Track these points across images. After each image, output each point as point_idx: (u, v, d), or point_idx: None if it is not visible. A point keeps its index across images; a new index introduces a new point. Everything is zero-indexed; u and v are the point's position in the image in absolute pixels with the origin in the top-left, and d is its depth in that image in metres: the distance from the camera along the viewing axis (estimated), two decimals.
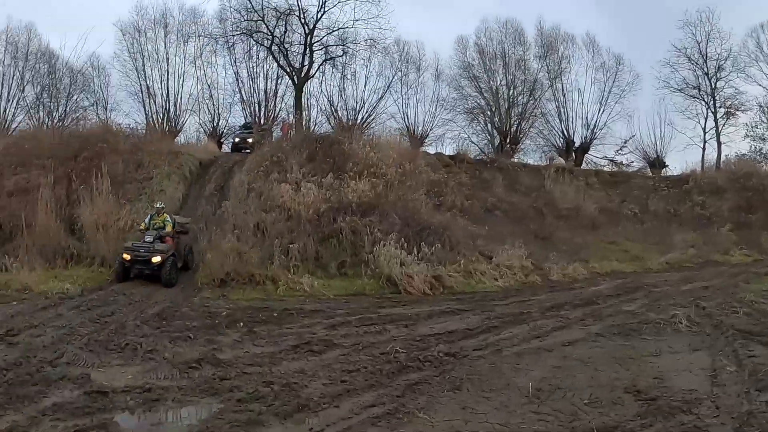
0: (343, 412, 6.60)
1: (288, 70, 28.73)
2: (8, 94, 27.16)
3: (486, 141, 31.23)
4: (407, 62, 31.03)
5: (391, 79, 30.59)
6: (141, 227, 15.49)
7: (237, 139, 27.11)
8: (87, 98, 28.57)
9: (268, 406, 6.74)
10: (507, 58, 31.10)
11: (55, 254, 15.65)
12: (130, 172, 19.52)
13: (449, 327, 10.51)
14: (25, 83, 27.45)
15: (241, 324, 10.93)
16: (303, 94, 28.84)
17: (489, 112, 31.06)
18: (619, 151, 31.98)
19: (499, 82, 31.04)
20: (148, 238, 14.83)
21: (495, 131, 30.87)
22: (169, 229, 15.29)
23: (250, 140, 25.32)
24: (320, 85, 29.93)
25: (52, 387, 7.27)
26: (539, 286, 15.80)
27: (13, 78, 27.21)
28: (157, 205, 15.91)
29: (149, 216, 15.70)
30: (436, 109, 31.00)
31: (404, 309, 12.34)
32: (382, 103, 30.39)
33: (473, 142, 31.08)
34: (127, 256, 14.56)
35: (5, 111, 26.95)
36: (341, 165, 18.40)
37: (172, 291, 14.13)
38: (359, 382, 7.57)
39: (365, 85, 30.19)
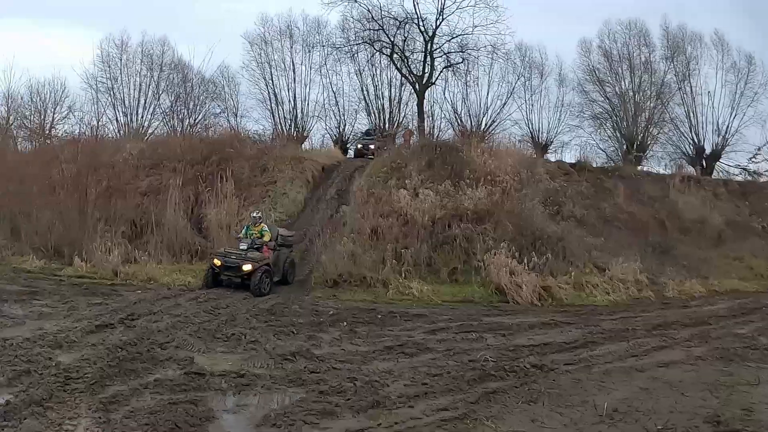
0: (416, 413, 6.69)
1: (409, 77, 29.04)
2: (145, 101, 29.28)
3: (614, 148, 29.68)
4: (530, 67, 30.11)
5: (513, 84, 29.82)
6: (239, 235, 15.22)
7: (359, 146, 27.23)
8: (218, 106, 30.26)
9: (346, 400, 7.00)
10: (632, 61, 29.36)
11: (181, 250, 16.87)
12: (255, 176, 20.61)
13: (547, 339, 10.18)
14: (160, 92, 29.49)
15: (345, 323, 11.29)
16: (426, 100, 28.99)
17: (616, 118, 29.49)
18: (753, 159, 28.82)
19: (625, 86, 29.39)
20: (243, 246, 14.57)
21: (622, 138, 29.27)
22: (267, 238, 14.87)
23: (371, 147, 25.42)
24: (443, 92, 29.83)
25: (158, 366, 8.03)
26: (652, 302, 14.78)
27: (149, 87, 29.36)
28: (254, 215, 15.49)
29: (246, 226, 15.41)
30: (560, 115, 29.96)
31: (508, 318, 12.12)
32: (506, 109, 29.73)
33: (602, 150, 29.69)
34: (217, 262, 14.36)
35: (142, 117, 29.24)
36: (459, 172, 18.27)
37: (285, 289, 14.75)
38: (439, 386, 7.59)
39: (488, 91, 29.65)
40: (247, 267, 14.05)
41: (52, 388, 6.82)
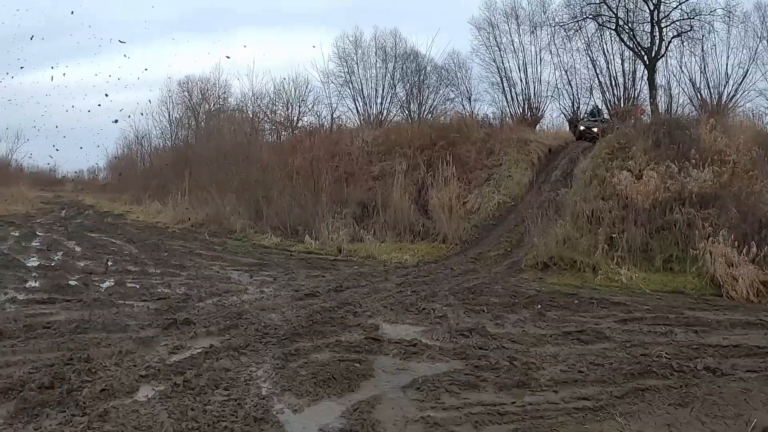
0: (555, 398, 6.85)
1: (637, 50, 27.01)
2: (383, 91, 31.41)
3: None
4: None
5: (755, 49, 26.04)
6: None
7: (582, 128, 25.96)
8: (451, 91, 31.29)
9: (496, 377, 7.34)
10: None
11: (405, 230, 18.33)
12: (480, 159, 21.40)
13: (742, 341, 9.21)
14: (395, 82, 31.40)
15: (539, 306, 11.49)
16: (661, 74, 26.75)
17: None
18: None
19: None
20: None
21: None
22: None
23: (595, 129, 24.00)
24: (680, 64, 27.16)
25: (345, 330, 9.19)
26: None
27: (384, 78, 31.43)
28: None
29: None
30: None
31: (714, 314, 11.14)
32: (749, 78, 26.07)
33: None
34: None
35: (381, 105, 31.35)
36: (686, 151, 17.02)
37: (495, 269, 15.39)
38: (594, 375, 7.57)
39: (727, 59, 26.28)
40: None
41: (250, 340, 8.37)
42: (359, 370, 7.39)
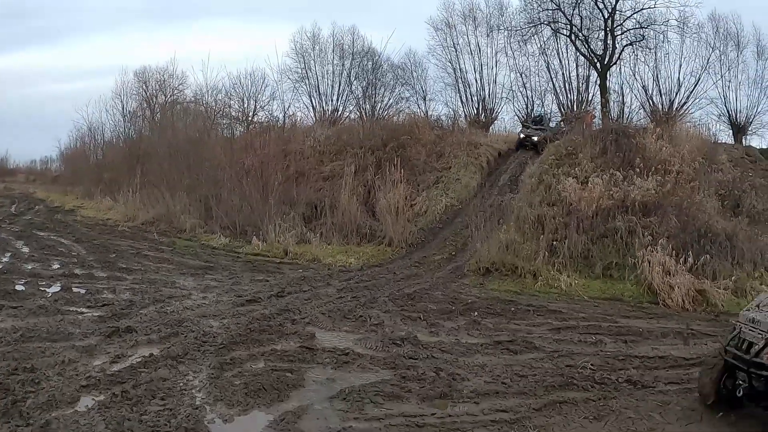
0: (476, 409, 6.88)
1: (590, 57, 27.44)
2: (339, 88, 31.26)
3: None
4: (725, 39, 26.73)
5: (707, 58, 26.71)
6: None
7: (522, 135, 25.47)
8: (407, 90, 31.25)
9: (420, 388, 7.35)
10: None
11: (352, 232, 18.23)
12: (430, 162, 21.39)
13: (670, 351, 9.34)
14: (352, 79, 31.23)
15: (475, 313, 11.47)
16: (615, 80, 27.28)
17: None
18: None
19: None
20: None
21: None
22: None
23: (535, 138, 23.69)
24: (633, 71, 27.67)
25: (282, 339, 9.11)
26: None
27: (341, 75, 31.23)
28: None
29: None
30: (760, 92, 26.48)
31: (647, 323, 11.31)
32: (700, 86, 26.77)
33: None
34: None
35: (336, 102, 31.19)
36: (631, 159, 17.30)
37: (438, 274, 15.34)
38: (516, 387, 7.60)
39: (680, 68, 26.89)
40: None
41: (189, 348, 8.32)
42: (290, 380, 7.39)
